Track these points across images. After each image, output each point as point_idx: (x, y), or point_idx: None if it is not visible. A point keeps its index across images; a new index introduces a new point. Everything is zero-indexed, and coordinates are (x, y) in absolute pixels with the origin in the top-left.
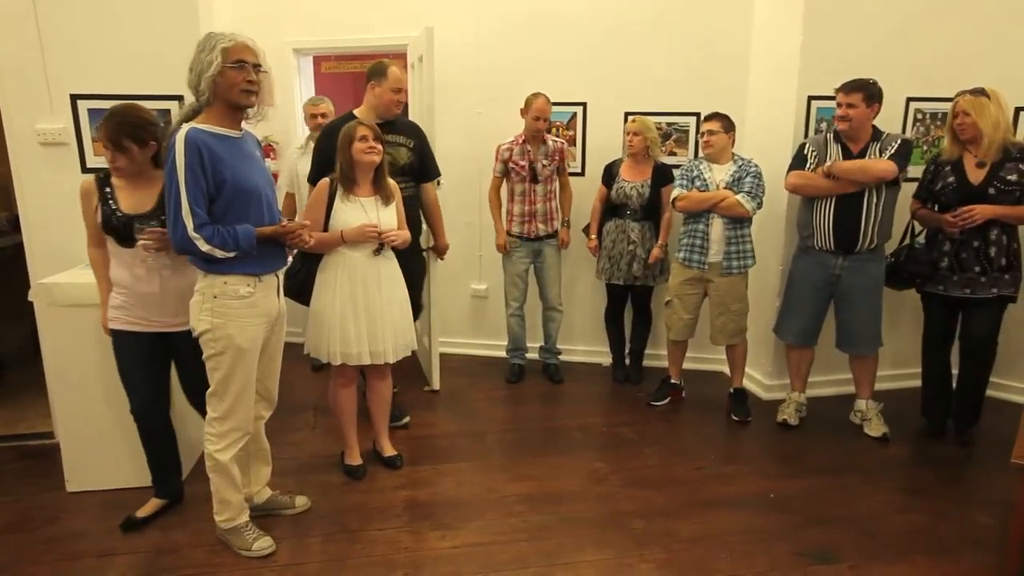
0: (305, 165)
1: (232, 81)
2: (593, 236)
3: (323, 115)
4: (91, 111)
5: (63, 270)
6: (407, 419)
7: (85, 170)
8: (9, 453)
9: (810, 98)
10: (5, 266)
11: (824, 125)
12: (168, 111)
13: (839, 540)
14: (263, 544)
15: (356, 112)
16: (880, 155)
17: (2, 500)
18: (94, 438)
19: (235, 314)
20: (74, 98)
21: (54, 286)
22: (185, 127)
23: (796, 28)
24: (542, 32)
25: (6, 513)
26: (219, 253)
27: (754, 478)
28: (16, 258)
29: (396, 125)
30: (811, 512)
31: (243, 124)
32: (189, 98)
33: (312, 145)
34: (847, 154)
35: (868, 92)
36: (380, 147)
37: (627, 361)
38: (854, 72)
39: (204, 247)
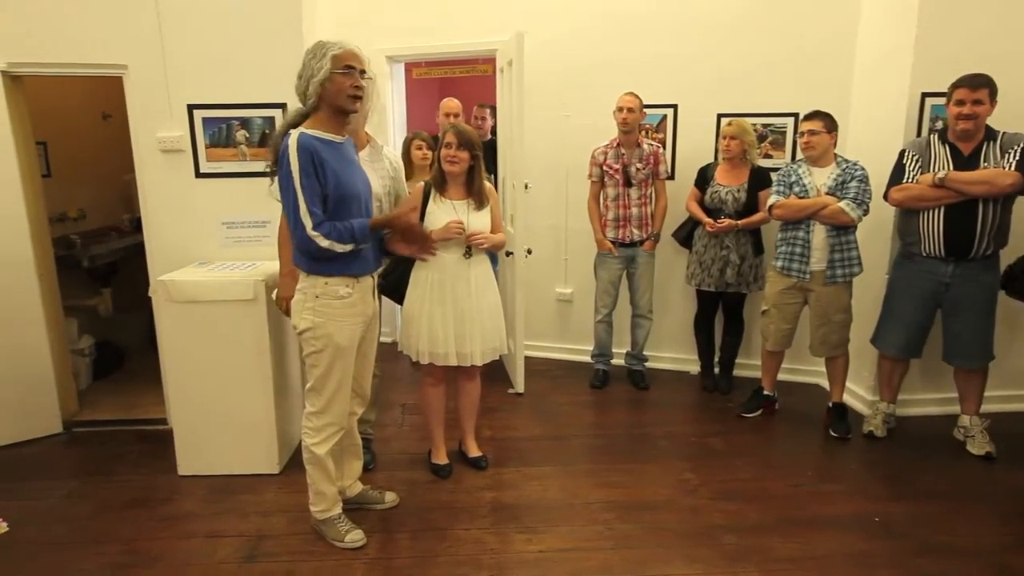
0: None
1: (340, 86)
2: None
3: None
4: (205, 120)
5: (179, 268)
6: None
7: (199, 175)
8: (129, 436)
9: (924, 95)
10: (127, 264)
11: (940, 123)
12: (273, 119)
13: (956, 572)
14: (355, 536)
15: None
16: (1001, 156)
17: (123, 478)
18: (203, 426)
19: (335, 314)
20: (190, 108)
21: (171, 283)
22: (295, 132)
23: (910, 19)
24: (631, 33)
25: (127, 490)
26: (338, 247)
27: (856, 498)
28: (137, 256)
29: None
30: (922, 539)
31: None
32: (292, 105)
33: None
34: (957, 157)
35: (993, 88)
36: (463, 156)
37: (716, 370)
38: (973, 66)
39: (324, 243)
